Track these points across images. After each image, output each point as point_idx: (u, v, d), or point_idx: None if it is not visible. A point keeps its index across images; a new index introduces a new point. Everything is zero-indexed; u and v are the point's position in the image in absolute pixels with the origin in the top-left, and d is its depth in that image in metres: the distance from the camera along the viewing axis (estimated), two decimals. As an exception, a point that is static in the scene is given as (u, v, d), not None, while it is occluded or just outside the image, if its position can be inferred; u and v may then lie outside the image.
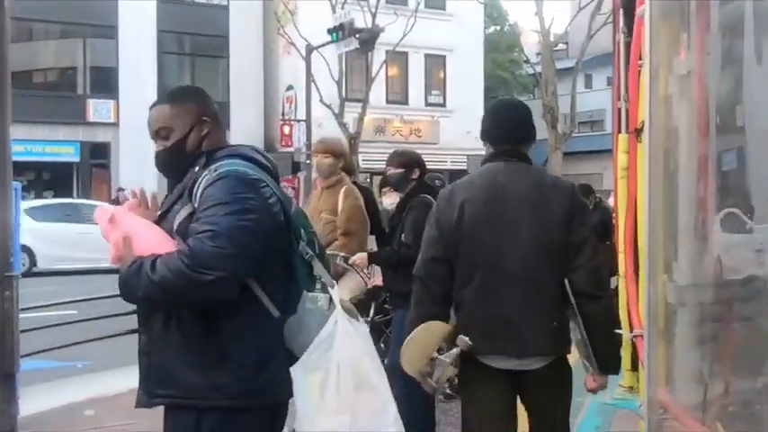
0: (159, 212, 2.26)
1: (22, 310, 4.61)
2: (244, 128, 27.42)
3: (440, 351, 2.87)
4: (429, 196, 4.49)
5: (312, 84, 21.44)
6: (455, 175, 27.18)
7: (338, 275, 4.78)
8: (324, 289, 2.28)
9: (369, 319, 4.97)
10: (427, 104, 29.01)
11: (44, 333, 6.11)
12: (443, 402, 5.71)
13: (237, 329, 2.10)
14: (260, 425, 2.16)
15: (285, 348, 2.20)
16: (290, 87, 26.15)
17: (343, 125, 22.02)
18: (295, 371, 2.16)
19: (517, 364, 2.82)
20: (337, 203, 4.87)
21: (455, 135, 28.00)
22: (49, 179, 25.22)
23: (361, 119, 22.36)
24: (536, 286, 2.79)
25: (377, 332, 4.95)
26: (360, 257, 4.58)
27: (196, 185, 2.15)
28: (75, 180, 24.79)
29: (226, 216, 2.02)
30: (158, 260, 2.01)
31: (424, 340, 2.85)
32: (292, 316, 2.21)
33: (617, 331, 3.02)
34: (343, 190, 4.90)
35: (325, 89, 21.86)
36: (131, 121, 24.64)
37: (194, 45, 28.20)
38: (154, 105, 2.34)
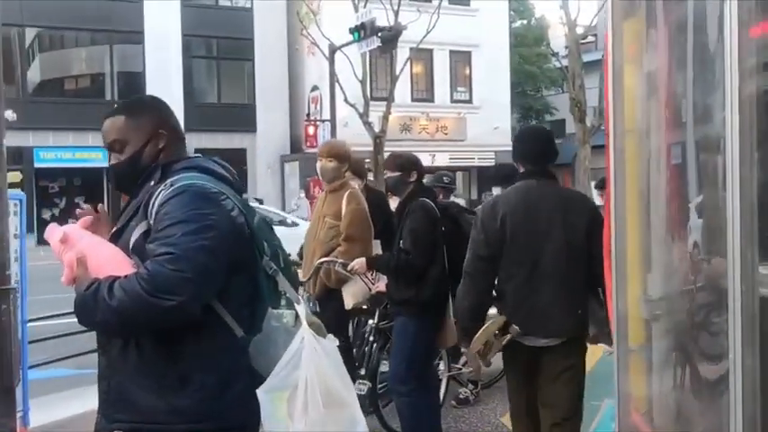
0: (114, 228, 2.17)
1: (33, 320, 4.60)
2: (270, 129, 27.58)
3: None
4: (427, 200, 4.38)
5: (336, 84, 21.41)
6: (482, 171, 27.10)
7: (341, 282, 4.70)
8: (289, 305, 2.19)
9: (374, 325, 4.88)
10: (453, 101, 28.83)
11: (57, 342, 6.13)
12: (456, 408, 5.62)
13: (199, 351, 2.02)
14: None
15: (250, 368, 2.10)
16: (314, 88, 26.16)
17: (368, 124, 21.93)
18: (261, 392, 2.06)
19: (545, 342, 3.56)
20: (341, 208, 4.78)
21: (482, 131, 27.80)
22: (80, 185, 25.59)
23: (385, 118, 22.23)
24: (564, 281, 3.49)
25: (382, 339, 4.85)
26: (358, 263, 4.48)
27: (151, 201, 2.05)
28: (104, 185, 25.08)
29: (184, 236, 1.94)
30: (116, 284, 1.93)
31: (492, 328, 3.58)
32: (258, 334, 2.11)
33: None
34: (346, 194, 4.80)
35: (349, 89, 21.79)
36: (159, 126, 24.90)
37: (219, 48, 28.38)
38: (108, 116, 2.25)
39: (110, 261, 2.02)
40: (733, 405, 1.49)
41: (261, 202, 21.40)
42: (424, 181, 4.84)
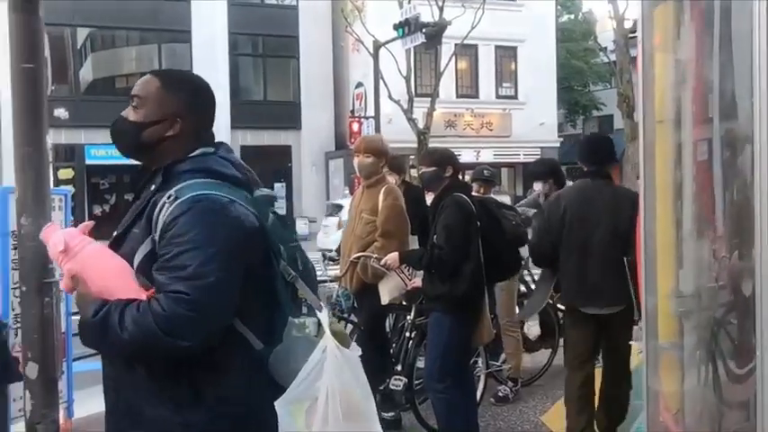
0: (115, 234, 2.06)
1: (77, 312, 4.69)
2: (314, 127, 27.72)
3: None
4: (462, 195, 4.34)
5: (381, 80, 21.41)
6: (528, 167, 26.78)
7: (377, 277, 4.69)
8: (311, 312, 2.06)
9: (410, 320, 4.87)
10: (498, 97, 28.59)
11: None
12: (495, 406, 5.57)
13: (213, 365, 1.92)
14: None
15: (271, 381, 1.99)
16: (359, 84, 26.20)
17: (412, 121, 21.90)
18: (279, 404, 1.94)
19: (600, 311, 4.42)
20: (378, 203, 4.77)
21: (528, 127, 27.53)
22: (130, 182, 26.08)
23: (430, 114, 22.18)
24: (610, 262, 4.25)
25: (419, 334, 4.83)
26: (391, 258, 4.46)
27: (155, 215, 1.92)
28: (153, 182, 25.50)
29: (198, 269, 1.82)
30: (126, 314, 1.82)
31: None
32: (279, 345, 1.99)
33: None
34: (383, 190, 4.80)
35: (394, 85, 21.79)
36: (206, 123, 25.22)
37: (265, 46, 28.62)
38: (152, 72, 2.12)
39: (116, 277, 1.91)
40: (760, 405, 1.43)
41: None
42: (465, 177, 4.81)
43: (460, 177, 4.66)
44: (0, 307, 3.02)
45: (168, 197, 1.92)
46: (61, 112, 24.12)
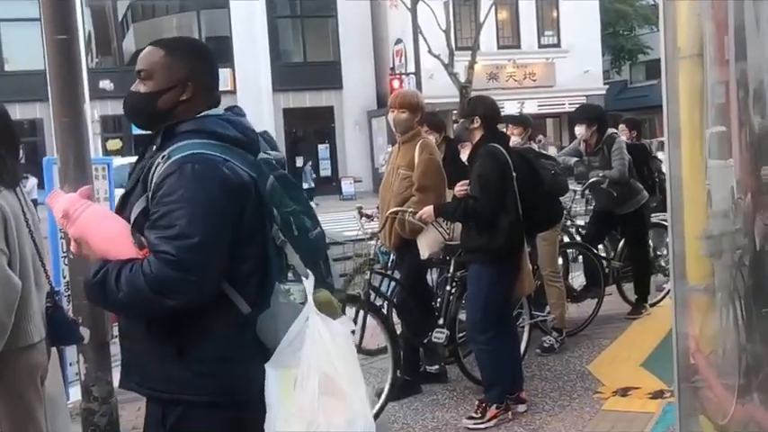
0: (123, 192, 2.09)
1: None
2: (356, 86, 27.60)
3: None
4: (497, 145, 4.28)
5: (420, 35, 21.15)
6: (572, 117, 26.26)
7: (415, 232, 4.69)
8: (297, 279, 2.05)
9: (450, 274, 4.87)
10: (540, 46, 28.03)
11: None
12: (540, 356, 5.58)
13: (198, 325, 1.97)
14: (228, 423, 2.03)
15: (257, 344, 2.02)
16: (398, 41, 25.95)
17: (453, 75, 21.63)
18: (269, 367, 1.97)
19: None
20: (414, 159, 4.75)
21: (572, 76, 26.99)
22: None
23: (471, 67, 21.85)
24: None
25: (459, 287, 4.84)
26: (426, 211, 4.44)
27: (150, 174, 1.97)
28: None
29: (185, 229, 1.86)
30: (122, 275, 1.89)
31: None
32: (266, 311, 2.02)
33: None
34: (418, 144, 4.77)
35: (433, 40, 21.50)
36: (248, 88, 25.35)
37: (303, 7, 28.49)
38: (151, 44, 2.13)
39: (115, 238, 1.96)
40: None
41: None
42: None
43: (498, 127, 4.58)
44: (51, 275, 3.13)
45: (162, 157, 1.97)
46: (106, 84, 24.50)
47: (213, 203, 1.90)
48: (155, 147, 2.06)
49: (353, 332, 2.80)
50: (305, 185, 23.34)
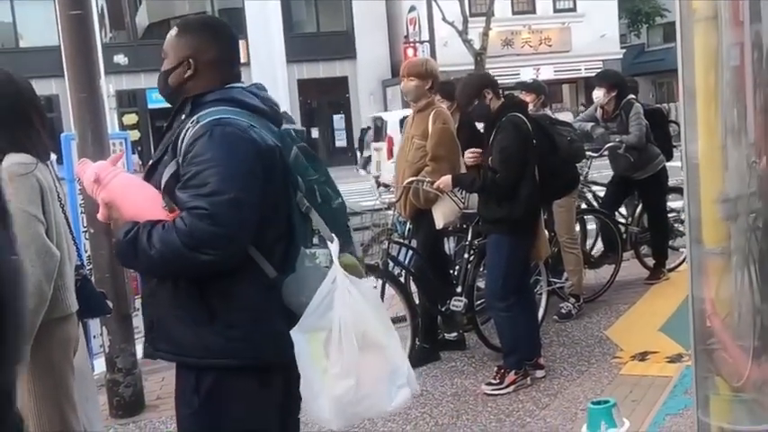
0: (151, 162, 2.16)
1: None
2: (370, 55, 27.44)
3: None
4: (519, 114, 4.25)
5: (434, 2, 20.93)
6: (590, 82, 26.03)
7: (430, 201, 4.70)
8: (322, 244, 2.10)
9: (467, 243, 4.88)
10: (556, 11, 27.67)
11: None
12: (558, 322, 5.60)
13: (228, 289, 2.02)
14: (263, 386, 2.08)
15: (285, 309, 2.05)
16: (412, 9, 25.72)
17: (468, 42, 21.43)
18: (296, 332, 2.00)
19: None
20: (428, 128, 4.74)
21: (588, 41, 26.67)
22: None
23: (486, 34, 21.63)
24: None
25: (477, 255, 4.86)
26: (443, 181, 4.43)
27: (180, 139, 2.03)
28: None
29: (216, 186, 1.92)
30: (154, 233, 1.95)
31: None
32: (291, 275, 2.05)
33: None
34: (432, 113, 4.75)
35: (447, 7, 21.28)
36: (261, 61, 25.26)
37: (315, -24, 28.26)
38: (175, 24, 2.27)
39: (142, 200, 2.02)
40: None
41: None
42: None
43: (515, 94, 4.57)
44: (75, 250, 3.17)
45: (192, 122, 2.04)
46: (120, 59, 24.52)
47: (243, 163, 1.97)
48: (183, 115, 2.12)
49: None
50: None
